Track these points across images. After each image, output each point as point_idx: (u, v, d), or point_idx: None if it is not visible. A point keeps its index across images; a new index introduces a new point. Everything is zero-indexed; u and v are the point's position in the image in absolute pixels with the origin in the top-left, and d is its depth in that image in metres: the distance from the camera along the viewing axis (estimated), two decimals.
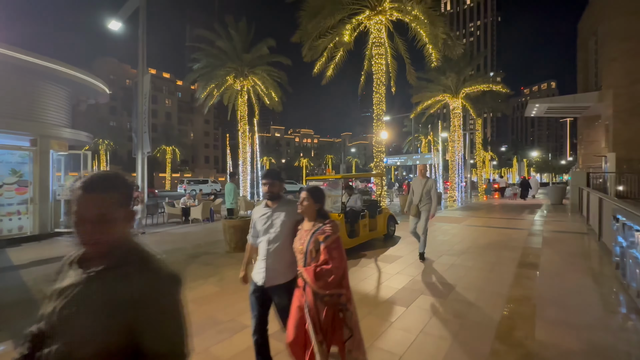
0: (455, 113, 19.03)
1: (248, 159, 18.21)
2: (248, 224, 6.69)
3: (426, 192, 5.18)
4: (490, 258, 5.30)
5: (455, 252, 5.84)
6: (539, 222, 9.32)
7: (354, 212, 6.23)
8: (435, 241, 6.82)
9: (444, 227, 8.61)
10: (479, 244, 6.42)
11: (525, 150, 74.32)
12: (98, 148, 42.71)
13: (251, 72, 17.74)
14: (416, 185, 5.33)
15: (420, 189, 5.23)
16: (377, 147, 11.93)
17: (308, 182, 6.87)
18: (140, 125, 13.50)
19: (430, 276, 4.45)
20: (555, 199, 15.04)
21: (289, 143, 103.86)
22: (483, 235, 7.37)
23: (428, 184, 5.19)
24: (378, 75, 11.87)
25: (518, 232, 7.64)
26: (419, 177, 5.39)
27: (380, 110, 11.82)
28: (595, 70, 17.24)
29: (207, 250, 6.42)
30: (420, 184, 5.24)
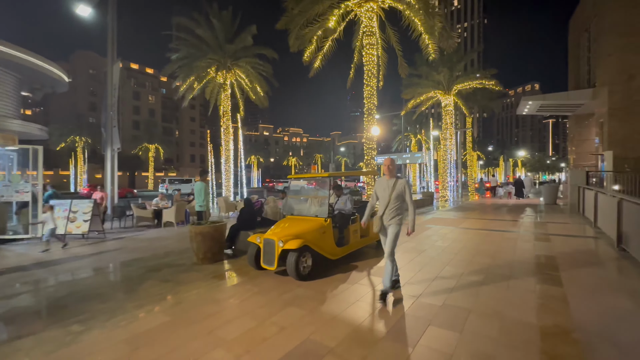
0: (447, 110, 18.47)
1: (231, 157, 17.15)
2: (219, 230, 5.74)
3: (395, 197, 3.57)
4: (501, 270, 4.56)
5: (459, 261, 5.07)
6: (541, 224, 8.72)
7: (344, 216, 5.39)
8: (434, 247, 6.05)
9: (442, 231, 7.87)
10: (484, 251, 5.68)
11: (511, 149, 75.51)
12: (75, 146, 40.54)
13: (235, 64, 16.71)
14: (381, 188, 3.69)
15: (386, 193, 3.61)
16: (368, 143, 11.15)
17: (290, 181, 5.99)
18: (109, 119, 12.32)
19: (436, 296, 3.65)
20: (549, 198, 14.64)
21: (278, 142, 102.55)
22: (485, 240, 6.66)
23: (398, 187, 3.59)
24: (369, 66, 11.09)
25: (522, 237, 6.97)
26: (384, 177, 3.75)
27: (372, 104, 11.03)
28: (588, 67, 16.97)
29: (172, 262, 5.46)
30: (387, 186, 3.63)
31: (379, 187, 3.71)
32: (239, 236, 6.26)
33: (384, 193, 3.65)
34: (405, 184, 3.59)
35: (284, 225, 4.91)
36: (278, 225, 4.92)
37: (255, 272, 4.72)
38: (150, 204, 10.70)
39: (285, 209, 5.57)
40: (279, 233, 4.56)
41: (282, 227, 4.81)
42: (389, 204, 3.59)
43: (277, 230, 4.71)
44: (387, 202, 3.59)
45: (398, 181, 3.62)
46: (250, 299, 3.65)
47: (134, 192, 27.00)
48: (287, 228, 4.75)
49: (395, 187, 3.58)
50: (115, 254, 6.13)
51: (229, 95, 17.08)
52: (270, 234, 4.57)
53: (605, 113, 13.46)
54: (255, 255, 4.75)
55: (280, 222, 5.06)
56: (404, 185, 3.59)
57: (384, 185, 3.66)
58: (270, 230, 4.79)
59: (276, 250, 4.37)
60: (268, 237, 4.51)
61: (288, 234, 4.50)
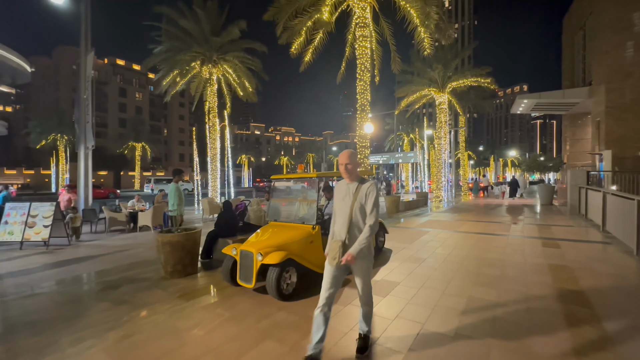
0: (441, 108, 18.02)
1: (218, 155, 16.32)
2: (192, 239, 4.82)
3: (360, 209, 2.34)
4: (514, 285, 3.97)
5: (465, 274, 4.48)
6: (544, 227, 8.24)
7: None
8: (435, 255, 5.45)
9: (441, 236, 7.30)
10: (490, 261, 5.11)
11: (501, 149, 76.20)
12: (57, 144, 38.88)
13: (221, 58, 15.87)
14: (339, 196, 2.46)
15: (346, 204, 2.38)
16: (361, 141, 10.54)
17: (274, 182, 5.30)
18: (83, 114, 11.40)
19: (446, 324, 3.02)
20: (545, 199, 14.31)
21: (270, 141, 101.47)
22: (489, 247, 6.10)
23: (361, 193, 2.34)
24: (362, 60, 10.46)
25: (528, 242, 6.45)
26: (343, 180, 2.51)
27: (365, 99, 10.41)
28: (583, 66, 16.73)
29: (136, 276, 4.72)
30: (348, 192, 2.41)
31: (337, 196, 2.47)
32: (217, 244, 5.56)
33: (343, 204, 2.39)
34: (371, 188, 2.32)
35: (265, 233, 4.24)
36: (258, 234, 4.24)
37: (230, 289, 4.03)
38: (126, 205, 9.86)
39: (268, 213, 4.89)
40: (259, 244, 3.88)
41: (262, 237, 4.14)
42: (351, 222, 2.32)
43: (257, 240, 4.03)
44: (349, 218, 2.31)
45: (362, 186, 2.36)
46: (218, 329, 2.96)
47: (117, 192, 25.84)
48: (268, 237, 4.08)
49: (359, 194, 2.33)
50: (72, 266, 5.35)
51: (215, 91, 16.25)
52: (248, 245, 3.88)
53: (602, 111, 13.16)
54: (231, 268, 4.06)
55: (261, 230, 4.39)
56: (371, 190, 2.31)
57: (343, 193, 2.42)
58: (249, 240, 4.11)
59: (254, 265, 3.69)
60: (245, 249, 3.83)
61: (269, 244, 3.83)
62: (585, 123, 17.47)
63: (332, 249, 2.36)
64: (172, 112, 67.47)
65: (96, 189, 25.77)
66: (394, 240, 6.75)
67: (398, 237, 7.11)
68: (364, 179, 2.44)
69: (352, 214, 2.33)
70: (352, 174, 2.41)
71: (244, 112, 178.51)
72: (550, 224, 8.60)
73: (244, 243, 4.00)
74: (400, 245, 6.37)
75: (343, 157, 2.41)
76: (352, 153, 2.44)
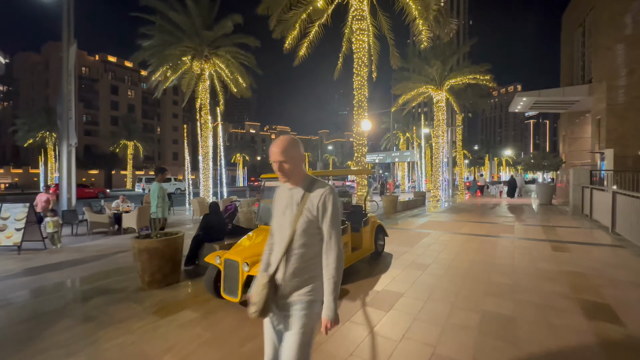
0: (439, 106, 17.69)
1: (210, 153, 15.78)
2: (173, 245, 3.78)
3: (304, 230, 1.43)
4: (530, 295, 3.59)
5: (474, 283, 4.09)
6: (550, 229, 7.91)
7: None
8: (439, 261, 5.06)
9: (443, 238, 6.92)
10: (500, 267, 4.74)
11: (497, 149, 76.47)
12: (45, 142, 37.90)
13: (213, 53, 15.35)
14: (279, 208, 1.55)
15: (286, 220, 1.49)
16: (359, 139, 10.12)
17: (264, 181, 4.85)
18: (65, 110, 10.81)
19: (460, 346, 2.62)
20: (544, 198, 14.05)
21: (265, 140, 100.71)
22: (496, 251, 5.73)
23: (311, 203, 1.43)
24: (359, 54, 10.05)
25: (536, 246, 6.09)
26: (285, 185, 1.56)
27: (362, 95, 10.00)
28: (582, 63, 16.50)
29: (111, 286, 4.25)
30: (290, 203, 1.49)
31: (277, 209, 1.57)
32: (203, 249, 5.10)
33: (282, 220, 1.51)
34: (327, 196, 1.43)
35: (254, 240, 3.80)
36: (246, 240, 3.80)
37: (214, 302, 3.58)
38: (110, 206, 9.33)
39: (258, 216, 4.45)
40: (245, 251, 3.44)
41: (250, 243, 3.70)
42: (290, 247, 1.44)
43: (244, 247, 3.59)
44: (288, 241, 1.44)
45: (312, 193, 1.45)
46: (194, 355, 2.52)
47: (106, 192, 25.13)
48: (256, 244, 3.65)
49: (306, 204, 1.44)
50: (42, 275, 4.85)
51: (207, 87, 15.72)
52: (233, 253, 3.44)
53: (603, 109, 12.91)
54: (215, 279, 3.61)
55: (250, 236, 3.94)
56: (323, 198, 1.42)
57: (284, 204, 1.53)
58: (235, 247, 3.66)
59: (240, 276, 3.25)
60: (230, 258, 3.38)
61: (257, 252, 3.39)
62: (584, 121, 17.27)
63: (255, 290, 1.46)
64: (165, 110, 66.49)
65: (85, 188, 25.06)
66: (394, 244, 6.35)
67: (398, 240, 6.72)
68: (315, 180, 1.50)
69: (292, 235, 1.43)
70: (292, 174, 1.49)
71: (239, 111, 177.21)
72: (554, 225, 8.27)
73: (229, 251, 3.56)
74: (400, 249, 5.97)
75: (275, 150, 1.44)
76: (290, 142, 1.47)
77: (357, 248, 4.86)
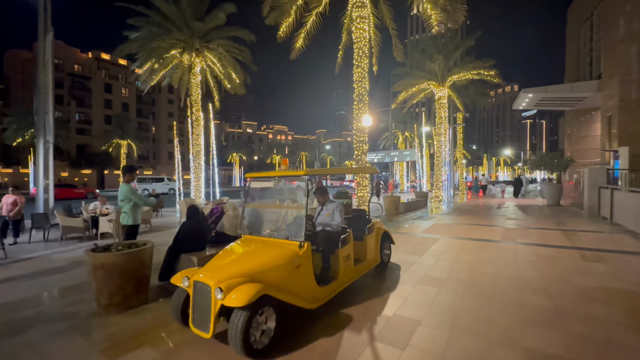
0: (441, 103, 17.00)
1: (202, 152, 14.97)
2: (137, 260, 2.57)
3: None
4: (581, 324, 2.88)
5: (504, 306, 3.38)
6: (571, 234, 7.22)
7: (330, 237, 3.56)
8: (454, 273, 4.33)
9: (454, 245, 6.20)
10: (530, 282, 4.03)
11: (495, 148, 76.10)
12: (34, 141, 36.71)
13: (205, 46, 14.54)
14: None
15: None
16: (359, 136, 9.38)
17: (249, 181, 4.04)
18: (42, 104, 10.00)
19: None
20: (552, 199, 13.39)
21: (262, 139, 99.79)
22: (519, 262, 5.03)
23: None
24: (359, 44, 9.31)
25: (563, 255, 5.39)
26: None
27: (363, 88, 9.26)
28: (590, 59, 15.90)
29: (62, 309, 3.49)
30: None
31: None
32: (179, 261, 4.35)
33: None
34: None
35: (234, 254, 3.05)
36: (223, 256, 3.04)
37: (181, 334, 2.83)
38: (87, 208, 8.53)
39: (242, 224, 3.69)
40: (221, 270, 2.69)
41: (229, 259, 2.95)
42: None
43: (220, 264, 2.84)
44: None
45: None
46: None
47: (95, 192, 24.20)
48: (237, 260, 2.90)
49: None
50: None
51: (199, 83, 14.90)
52: (206, 273, 2.68)
53: (615, 106, 12.29)
54: (183, 305, 2.86)
55: (229, 250, 3.19)
56: None
57: None
58: (209, 264, 2.91)
59: (212, 305, 2.49)
60: (200, 280, 2.63)
61: (236, 272, 2.64)
62: (591, 119, 16.70)
63: None
64: (160, 108, 65.44)
65: (74, 188, 24.15)
66: (400, 251, 5.63)
67: (404, 247, 5.99)
68: None
69: None
70: None
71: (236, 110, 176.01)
72: (574, 229, 7.59)
73: (202, 269, 2.80)
74: (408, 258, 5.24)
75: None
76: None
77: (360, 260, 4.13)
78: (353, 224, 4.51)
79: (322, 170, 3.63)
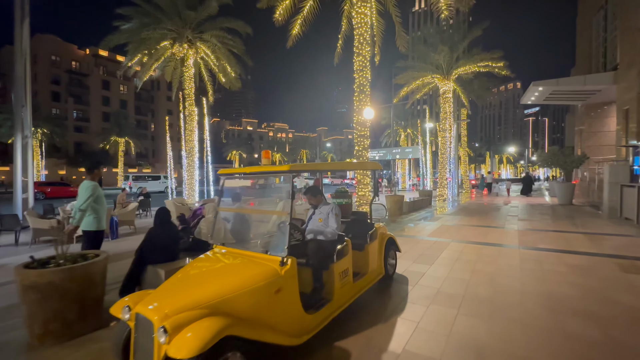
0: (446, 97, 16.24)
1: (196, 149, 14.27)
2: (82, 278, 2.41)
3: None
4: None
5: (544, 338, 2.68)
6: (594, 237, 6.50)
7: (322, 248, 2.85)
8: (471, 289, 3.63)
9: (468, 252, 5.50)
10: (567, 302, 3.35)
11: (497, 146, 75.16)
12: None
13: (198, 37, 13.83)
14: None
15: None
16: (360, 130, 8.67)
17: (223, 179, 3.31)
18: (19, 96, 9.32)
19: None
20: (564, 198, 12.66)
21: (262, 137, 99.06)
22: (546, 273, 4.35)
23: None
24: (360, 30, 8.58)
25: (594, 263, 4.69)
26: None
27: (364, 78, 8.54)
28: (604, 50, 15.08)
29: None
30: None
31: None
32: (145, 274, 3.67)
33: None
34: None
35: (195, 273, 2.35)
36: (182, 275, 2.34)
37: None
38: (64, 209, 7.87)
39: (213, 232, 2.99)
40: (173, 298, 1.99)
41: (187, 280, 2.25)
42: None
43: (172, 289, 2.14)
44: None
45: None
46: None
47: None
48: (196, 283, 2.20)
49: None
50: None
51: (192, 76, 14.19)
52: (152, 302, 1.99)
53: (634, 99, 11.50)
54: (126, 341, 2.17)
55: (192, 266, 2.49)
56: None
57: None
58: (162, 288, 2.21)
59: (155, 350, 1.80)
60: (142, 312, 1.93)
61: (192, 301, 1.95)
62: (604, 114, 15.89)
63: None
64: (159, 106, 64.74)
65: (68, 187, 23.53)
66: (407, 259, 4.93)
67: (410, 253, 5.29)
68: None
69: None
70: None
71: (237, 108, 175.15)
72: (597, 232, 6.87)
73: (147, 297, 2.11)
74: (416, 267, 4.54)
75: None
76: None
77: (361, 273, 3.43)
78: (352, 229, 3.81)
79: (310, 165, 2.92)
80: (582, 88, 14.05)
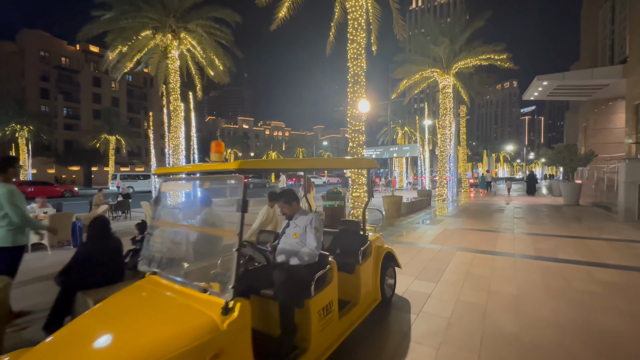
0: (445, 93, 15.50)
1: (182, 146, 13.41)
2: None
3: None
4: None
5: None
6: (618, 244, 5.79)
7: (295, 277, 2.06)
8: (487, 317, 2.88)
9: (476, 264, 4.74)
10: (613, 336, 2.59)
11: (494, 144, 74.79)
12: (15, 136, 35.01)
13: (183, 27, 12.95)
14: None
15: None
16: (354, 124, 7.88)
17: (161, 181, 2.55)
18: None
19: None
20: (571, 198, 11.99)
21: (258, 135, 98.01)
22: (571, 288, 3.61)
23: None
24: (355, 14, 7.78)
25: (628, 279, 3.95)
26: None
27: (359, 67, 7.74)
28: (611, 42, 14.40)
29: None
30: None
31: None
32: (75, 302, 2.86)
33: None
34: None
35: (86, 327, 1.55)
36: (82, 324, 1.55)
37: None
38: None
39: (143, 253, 2.19)
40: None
41: (85, 335, 1.45)
42: None
43: (58, 351, 1.34)
44: None
45: None
46: None
47: (74, 190, 22.59)
48: (83, 343, 1.40)
49: None
50: None
51: (177, 68, 13.31)
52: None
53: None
54: None
55: (101, 308, 1.69)
56: None
57: None
58: (48, 345, 1.40)
59: None
60: None
61: None
62: (609, 110, 15.27)
63: None
64: (153, 103, 63.40)
65: (51, 186, 22.52)
66: (407, 274, 4.17)
67: (411, 267, 4.53)
68: None
69: None
70: None
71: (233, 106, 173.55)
72: (620, 239, 6.15)
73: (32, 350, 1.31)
74: (419, 287, 3.77)
75: None
76: None
77: (351, 302, 2.65)
78: (341, 243, 3.04)
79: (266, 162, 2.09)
80: (589, 82, 13.38)
